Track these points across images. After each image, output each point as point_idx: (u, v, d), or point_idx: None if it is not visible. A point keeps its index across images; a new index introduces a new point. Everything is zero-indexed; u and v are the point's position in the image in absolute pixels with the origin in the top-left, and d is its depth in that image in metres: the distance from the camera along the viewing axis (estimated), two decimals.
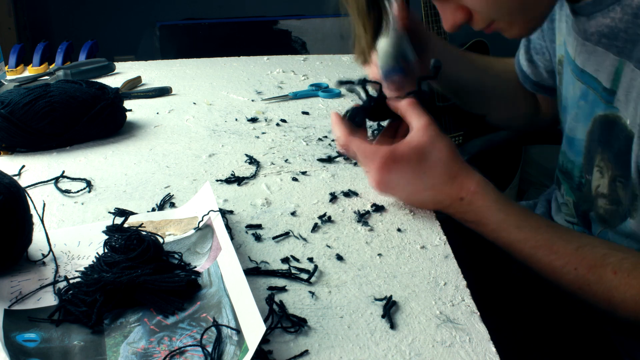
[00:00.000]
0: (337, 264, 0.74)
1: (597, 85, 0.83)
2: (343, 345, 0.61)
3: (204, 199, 0.83)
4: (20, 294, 0.68)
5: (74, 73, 1.40)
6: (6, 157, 1.05)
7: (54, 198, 0.90)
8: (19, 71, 1.51)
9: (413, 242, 0.79)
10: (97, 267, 0.69)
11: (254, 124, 1.18)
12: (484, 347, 0.61)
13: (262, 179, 0.96)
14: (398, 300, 0.67)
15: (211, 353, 0.58)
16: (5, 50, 1.51)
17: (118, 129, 1.15)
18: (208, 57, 1.66)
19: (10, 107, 1.04)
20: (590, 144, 0.87)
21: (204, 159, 1.03)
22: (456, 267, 0.74)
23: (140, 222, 0.80)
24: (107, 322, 0.63)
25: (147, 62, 1.64)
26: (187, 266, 0.72)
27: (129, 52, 2.96)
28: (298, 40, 3.00)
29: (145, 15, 3.06)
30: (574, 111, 0.90)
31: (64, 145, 1.08)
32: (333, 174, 0.97)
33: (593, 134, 0.85)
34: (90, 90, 1.11)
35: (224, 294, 0.65)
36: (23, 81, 1.36)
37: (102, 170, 0.99)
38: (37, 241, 0.75)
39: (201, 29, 2.95)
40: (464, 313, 0.66)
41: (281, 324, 0.63)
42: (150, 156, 1.05)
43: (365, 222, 0.83)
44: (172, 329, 0.62)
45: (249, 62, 1.61)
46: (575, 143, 0.91)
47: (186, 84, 1.42)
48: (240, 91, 1.37)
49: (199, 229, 0.79)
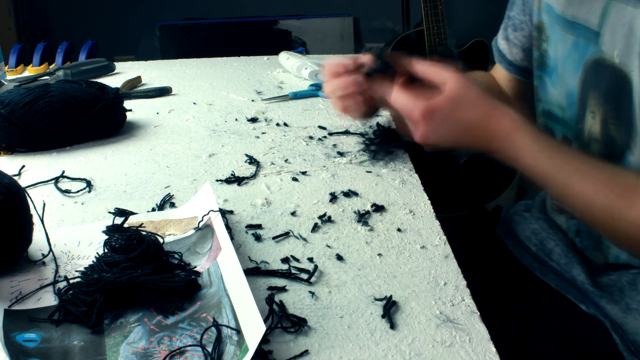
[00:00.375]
0: (337, 264, 0.74)
1: (587, 33, 0.85)
2: (343, 345, 0.61)
3: (204, 199, 0.83)
4: (20, 294, 0.68)
5: (74, 73, 1.40)
6: (6, 157, 1.05)
7: (54, 198, 0.90)
8: (19, 71, 1.51)
9: (413, 242, 0.79)
10: (97, 267, 0.69)
11: (254, 124, 1.18)
12: (484, 347, 0.61)
13: (262, 179, 0.96)
14: (398, 300, 0.67)
15: (211, 353, 0.58)
16: (5, 50, 1.51)
17: (118, 129, 1.15)
18: (208, 57, 1.66)
19: (10, 107, 1.04)
20: (582, 92, 0.88)
21: (204, 159, 1.03)
22: (456, 267, 0.74)
23: (140, 222, 0.80)
24: (107, 322, 0.63)
25: (147, 62, 1.64)
26: (187, 266, 0.72)
27: (129, 52, 2.96)
28: (298, 40, 3.00)
29: (145, 15, 3.06)
30: (567, 64, 0.91)
31: (64, 145, 1.08)
32: (333, 174, 0.97)
33: (585, 81, 0.87)
34: (90, 90, 1.11)
35: (224, 294, 0.65)
36: (23, 81, 1.36)
37: (102, 170, 0.99)
38: (37, 241, 0.75)
39: (201, 29, 2.95)
40: (464, 313, 0.66)
41: (281, 324, 0.63)
42: (150, 156, 1.05)
43: (365, 222, 0.83)
44: (172, 329, 0.62)
45: (249, 62, 1.61)
46: (569, 95, 0.92)
47: (186, 84, 1.42)
48: (240, 91, 1.37)
49: (199, 229, 0.79)
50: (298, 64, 1.45)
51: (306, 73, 1.42)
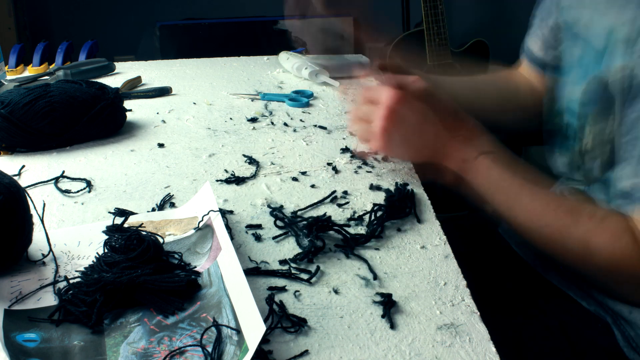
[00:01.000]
0: (337, 264, 0.74)
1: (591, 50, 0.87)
2: (343, 345, 0.61)
3: (204, 199, 0.83)
4: (20, 294, 0.68)
5: (74, 73, 1.40)
6: (6, 157, 1.05)
7: (54, 198, 0.90)
8: (19, 71, 1.51)
9: (413, 242, 0.79)
10: (97, 267, 0.69)
11: (254, 124, 1.18)
12: (484, 347, 0.61)
13: (262, 179, 0.96)
14: (398, 300, 0.67)
15: (211, 353, 0.58)
16: (5, 50, 1.51)
17: (118, 129, 1.15)
18: (208, 57, 1.66)
19: (10, 107, 1.04)
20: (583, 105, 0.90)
21: (204, 159, 1.03)
22: (456, 267, 0.74)
23: (140, 222, 0.80)
24: (107, 322, 0.63)
25: (147, 62, 1.64)
26: (187, 266, 0.72)
27: (129, 52, 2.96)
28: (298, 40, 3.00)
29: (145, 15, 3.06)
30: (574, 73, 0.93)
31: (64, 145, 1.08)
32: (333, 174, 0.97)
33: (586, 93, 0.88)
34: (90, 90, 1.11)
35: (224, 294, 0.65)
36: (23, 81, 1.36)
37: (102, 170, 0.99)
38: (37, 241, 0.75)
39: (201, 29, 2.95)
40: (464, 313, 0.66)
41: (281, 324, 0.63)
42: (150, 156, 1.05)
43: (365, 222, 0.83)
44: (172, 329, 0.62)
45: (249, 62, 1.61)
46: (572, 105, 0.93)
47: (186, 84, 1.42)
48: (240, 91, 1.37)
49: (199, 229, 0.79)
50: (298, 64, 1.45)
51: (306, 73, 1.42)
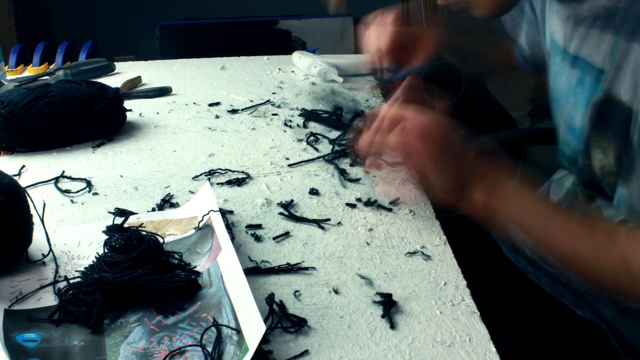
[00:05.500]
0: (337, 264, 0.74)
1: (592, 70, 0.84)
2: (343, 345, 0.61)
3: (204, 199, 0.83)
4: (20, 294, 0.68)
5: (74, 73, 1.40)
6: (6, 157, 1.05)
7: (54, 198, 0.90)
8: (19, 71, 1.51)
9: (413, 242, 0.79)
10: (97, 267, 0.69)
11: (254, 124, 1.18)
12: (484, 347, 0.61)
13: (262, 179, 0.96)
14: (398, 300, 0.67)
15: (211, 353, 0.58)
16: (5, 50, 1.51)
17: (118, 129, 1.15)
18: (208, 57, 1.66)
19: (10, 107, 1.04)
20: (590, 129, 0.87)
21: (204, 159, 1.03)
22: (456, 267, 0.74)
23: (140, 222, 0.80)
24: (107, 322, 0.63)
25: (147, 62, 1.64)
26: (187, 266, 0.72)
27: (129, 52, 2.96)
28: (298, 40, 3.00)
29: (145, 15, 3.06)
30: (572, 99, 0.90)
31: (64, 145, 1.08)
32: (333, 174, 0.97)
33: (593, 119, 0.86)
34: (90, 90, 1.11)
35: (224, 294, 0.65)
36: (23, 81, 1.36)
37: (102, 170, 0.99)
38: (37, 241, 0.75)
39: (201, 29, 2.95)
40: (464, 313, 0.66)
41: (281, 324, 0.63)
42: (150, 156, 1.05)
43: (366, 222, 0.83)
44: (172, 329, 0.62)
45: (249, 62, 1.61)
46: (575, 131, 0.91)
47: (186, 84, 1.42)
48: (240, 91, 1.37)
49: (199, 229, 0.79)
50: (308, 63, 1.45)
51: (315, 71, 1.42)
